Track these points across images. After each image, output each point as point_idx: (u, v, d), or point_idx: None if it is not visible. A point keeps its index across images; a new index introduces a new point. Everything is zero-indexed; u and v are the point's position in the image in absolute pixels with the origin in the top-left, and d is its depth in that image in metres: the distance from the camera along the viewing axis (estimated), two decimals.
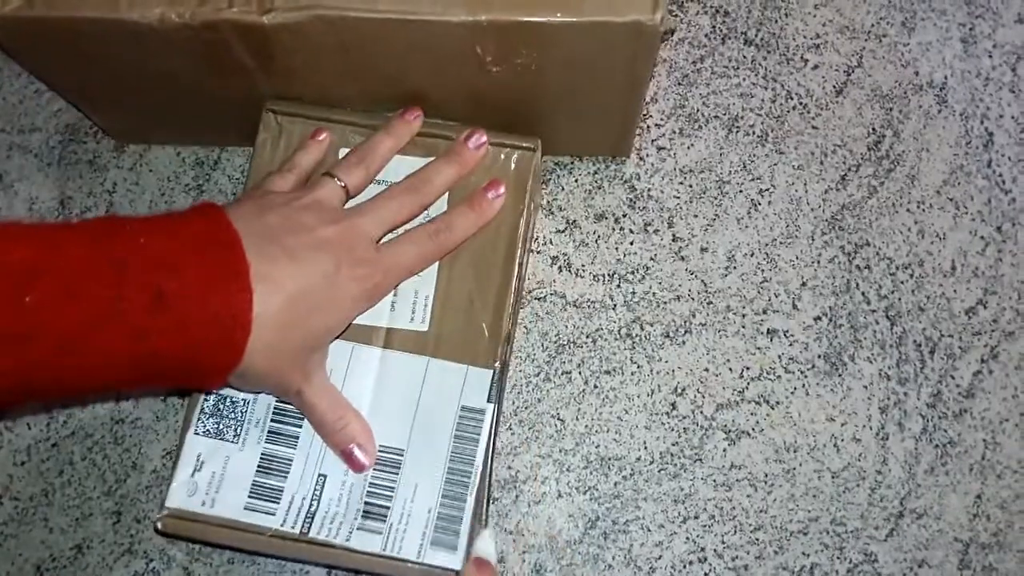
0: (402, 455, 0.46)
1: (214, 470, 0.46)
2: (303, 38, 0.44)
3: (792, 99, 0.59)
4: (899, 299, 0.56)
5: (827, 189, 0.58)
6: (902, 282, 0.56)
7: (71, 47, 0.46)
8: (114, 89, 0.51)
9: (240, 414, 0.47)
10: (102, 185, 0.58)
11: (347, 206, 0.48)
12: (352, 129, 0.51)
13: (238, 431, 0.47)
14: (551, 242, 0.57)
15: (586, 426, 0.54)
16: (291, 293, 0.41)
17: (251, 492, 0.46)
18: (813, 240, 0.57)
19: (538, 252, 0.57)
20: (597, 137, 0.56)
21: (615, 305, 0.56)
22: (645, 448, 0.54)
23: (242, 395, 0.47)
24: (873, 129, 0.59)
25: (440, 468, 0.46)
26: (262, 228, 0.42)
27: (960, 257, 0.57)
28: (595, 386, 0.55)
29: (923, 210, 0.58)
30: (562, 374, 0.55)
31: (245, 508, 0.45)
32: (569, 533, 0.53)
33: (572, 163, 0.58)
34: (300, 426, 0.47)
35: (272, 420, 0.47)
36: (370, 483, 0.46)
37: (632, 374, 0.55)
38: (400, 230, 0.48)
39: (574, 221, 0.57)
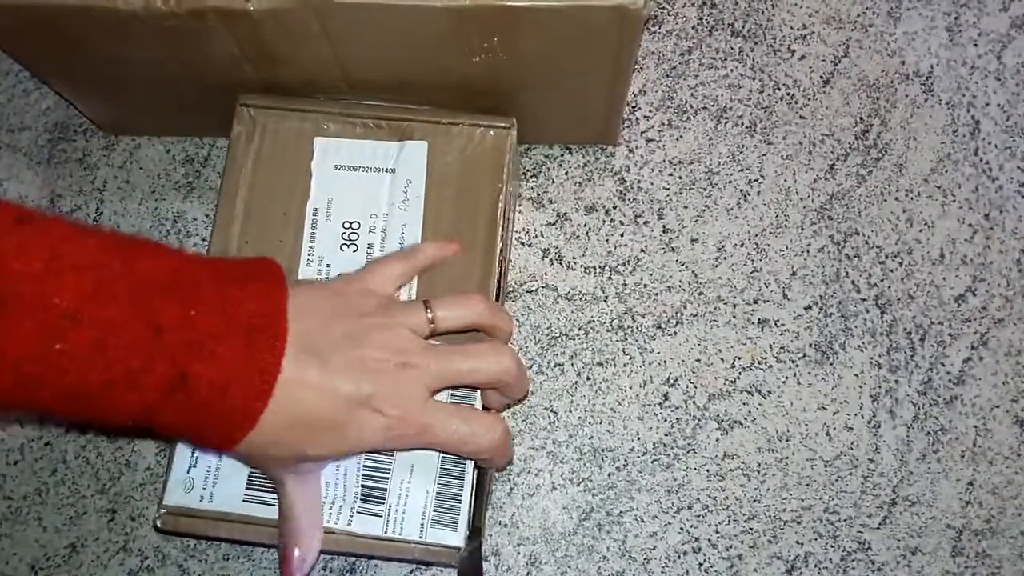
0: None
1: (209, 465, 0.46)
2: (288, 25, 0.44)
3: (780, 89, 0.60)
4: (889, 287, 0.56)
5: (816, 179, 0.58)
6: (891, 270, 0.57)
7: (56, 35, 0.46)
8: (100, 78, 0.51)
9: None
10: (92, 183, 0.58)
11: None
12: (325, 118, 0.51)
13: None
14: (541, 235, 0.57)
15: (579, 418, 0.54)
16: (310, 411, 0.39)
17: (248, 484, 0.46)
18: (802, 230, 0.57)
19: (529, 245, 0.57)
20: (583, 124, 0.56)
21: (606, 297, 0.56)
22: (638, 439, 0.54)
23: None
24: (860, 118, 0.59)
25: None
26: (315, 335, 0.40)
27: (948, 245, 0.57)
28: (587, 378, 0.55)
29: (911, 198, 0.58)
30: (554, 366, 0.55)
31: (243, 500, 0.45)
32: (563, 525, 0.53)
33: (562, 155, 0.58)
34: None
35: None
36: (364, 466, 0.46)
37: (624, 365, 0.55)
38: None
39: (564, 214, 0.57)
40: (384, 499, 0.46)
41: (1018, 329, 0.56)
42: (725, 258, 0.57)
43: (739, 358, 0.55)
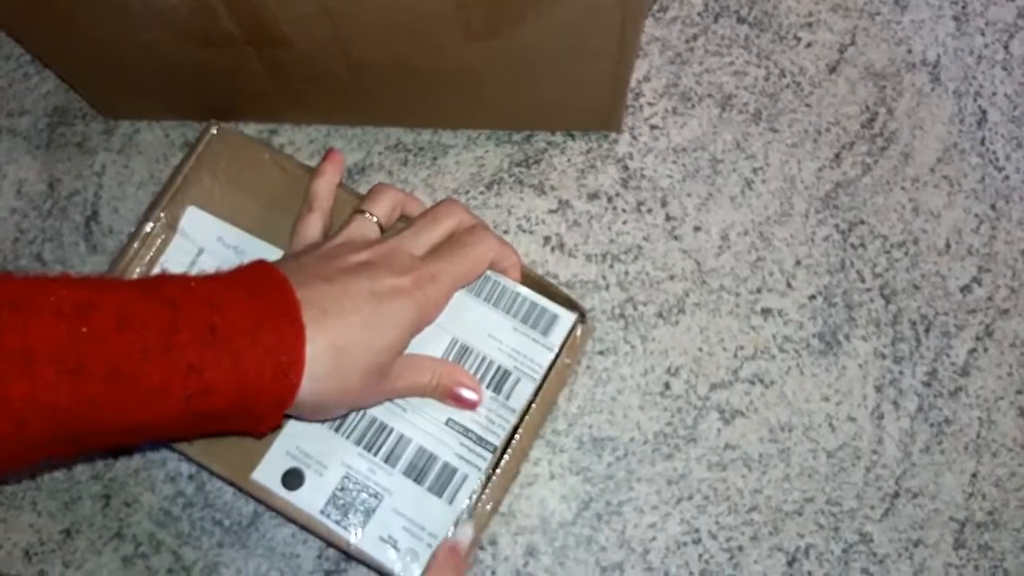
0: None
1: None
2: (289, 4, 0.44)
3: (785, 77, 0.59)
4: (894, 277, 0.56)
5: (821, 167, 0.58)
6: (897, 260, 0.56)
7: (56, 15, 0.46)
8: (100, 61, 0.51)
9: None
10: (91, 168, 0.58)
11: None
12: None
13: None
14: (543, 222, 0.57)
15: (579, 407, 0.54)
16: (341, 317, 0.41)
17: None
18: (807, 218, 0.57)
19: (530, 232, 0.56)
20: (586, 111, 0.55)
21: (608, 285, 0.56)
22: (638, 429, 0.53)
23: None
24: (867, 107, 0.59)
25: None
26: (300, 268, 0.43)
27: (954, 235, 0.56)
28: (588, 366, 0.54)
29: (917, 188, 0.57)
30: None
31: None
32: (562, 515, 0.52)
33: (564, 142, 0.58)
34: None
35: None
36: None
37: (625, 354, 0.54)
38: None
39: (567, 201, 0.57)
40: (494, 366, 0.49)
41: None
42: (729, 247, 0.56)
43: (742, 347, 0.55)
